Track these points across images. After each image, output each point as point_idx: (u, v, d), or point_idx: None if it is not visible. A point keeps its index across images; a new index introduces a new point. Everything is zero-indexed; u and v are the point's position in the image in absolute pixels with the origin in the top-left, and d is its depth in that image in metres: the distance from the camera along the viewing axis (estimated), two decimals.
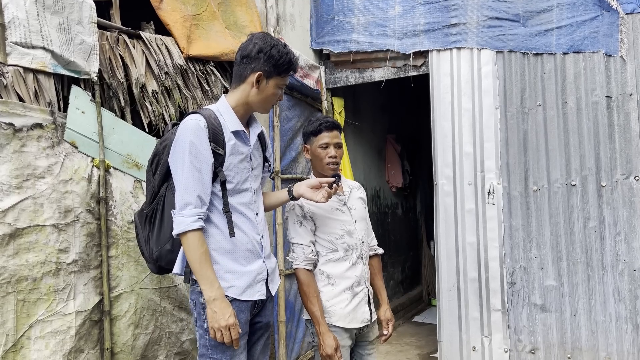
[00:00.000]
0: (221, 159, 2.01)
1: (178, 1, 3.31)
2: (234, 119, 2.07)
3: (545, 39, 3.90)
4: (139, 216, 2.23)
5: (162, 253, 2.12)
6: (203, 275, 1.93)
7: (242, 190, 2.09)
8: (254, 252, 2.11)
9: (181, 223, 1.92)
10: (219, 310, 1.91)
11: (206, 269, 1.93)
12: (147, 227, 2.18)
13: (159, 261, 2.15)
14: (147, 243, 2.18)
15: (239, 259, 2.06)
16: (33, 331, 2.25)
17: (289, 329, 3.95)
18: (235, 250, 2.05)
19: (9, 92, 2.27)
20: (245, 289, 2.06)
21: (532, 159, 3.92)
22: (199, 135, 1.95)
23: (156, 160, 2.15)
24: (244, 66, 2.08)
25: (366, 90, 5.81)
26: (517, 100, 3.98)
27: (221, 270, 2.03)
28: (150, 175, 2.17)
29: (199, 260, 1.92)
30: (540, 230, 3.88)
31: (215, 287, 1.93)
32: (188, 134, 1.95)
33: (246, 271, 2.07)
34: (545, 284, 3.85)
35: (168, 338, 2.89)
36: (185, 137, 1.95)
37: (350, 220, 2.52)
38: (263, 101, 2.11)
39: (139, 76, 2.88)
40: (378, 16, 4.38)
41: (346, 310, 2.42)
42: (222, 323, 1.91)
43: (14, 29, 2.31)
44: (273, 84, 2.08)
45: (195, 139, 1.94)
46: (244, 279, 2.06)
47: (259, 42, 2.06)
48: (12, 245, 2.19)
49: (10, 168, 2.21)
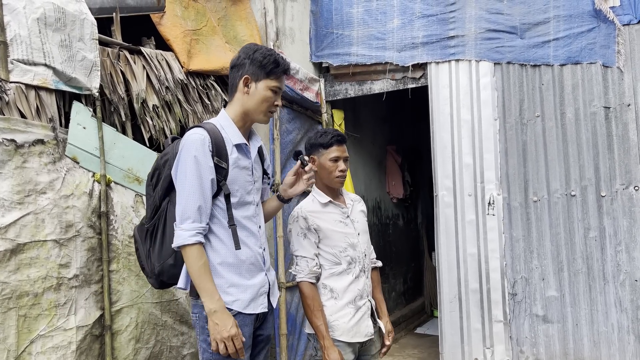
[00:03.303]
0: (224, 172, 2.01)
1: (178, 17, 3.35)
2: (235, 132, 2.08)
3: (543, 50, 3.93)
4: (140, 231, 2.22)
5: (165, 268, 2.11)
6: (202, 287, 1.93)
7: (245, 204, 2.10)
8: (257, 265, 2.11)
9: (179, 237, 1.93)
10: (221, 322, 1.91)
11: (205, 282, 1.93)
12: (148, 242, 2.17)
13: (161, 276, 2.14)
14: (148, 258, 2.17)
15: (242, 272, 2.06)
16: (34, 346, 2.26)
17: (291, 341, 3.94)
18: (240, 264, 2.05)
19: (10, 108, 2.30)
20: (249, 302, 2.06)
21: (531, 169, 3.93)
22: (203, 150, 1.96)
23: (157, 174, 2.15)
24: (233, 75, 2.12)
25: (366, 102, 5.84)
26: (515, 112, 4.00)
27: (225, 284, 2.03)
28: (151, 189, 2.17)
29: (198, 273, 1.92)
30: (541, 240, 3.88)
31: (215, 299, 1.93)
32: (192, 149, 1.96)
33: (250, 285, 2.07)
34: (547, 294, 3.84)
35: (169, 352, 2.89)
36: (189, 152, 1.96)
37: (353, 233, 2.52)
38: (257, 106, 2.09)
39: (139, 91, 2.91)
40: (377, 29, 4.42)
41: (350, 324, 2.42)
42: (224, 334, 1.90)
43: (16, 46, 2.34)
44: (263, 86, 2.07)
45: (198, 154, 1.95)
46: (248, 292, 2.06)
47: (243, 50, 2.12)
48: (13, 261, 2.20)
49: (12, 184, 2.23)
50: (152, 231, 2.15)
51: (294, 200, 2.59)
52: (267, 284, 2.16)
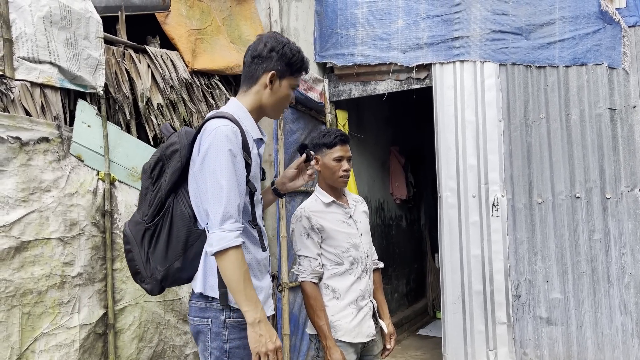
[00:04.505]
0: (249, 168, 1.86)
1: (183, 16, 3.35)
2: (253, 125, 1.95)
3: (548, 51, 3.91)
4: (135, 230, 1.94)
5: (170, 272, 1.89)
6: (247, 295, 1.75)
7: (259, 202, 1.99)
8: (266, 266, 2.01)
9: (223, 239, 1.72)
10: (265, 333, 1.75)
11: (250, 289, 1.76)
12: (147, 244, 1.92)
13: (164, 281, 1.91)
14: (147, 262, 1.92)
15: (257, 273, 1.93)
16: (38, 344, 2.26)
17: (293, 342, 3.93)
18: (257, 265, 1.94)
19: (16, 106, 2.30)
20: (264, 304, 1.92)
21: (536, 171, 3.92)
22: (237, 143, 1.80)
23: (159, 167, 1.92)
24: (255, 67, 1.94)
25: (370, 102, 5.83)
26: (520, 113, 3.99)
27: None
28: (150, 183, 1.93)
29: (242, 280, 1.75)
30: (545, 242, 3.86)
31: (259, 308, 1.77)
32: (225, 141, 1.77)
33: (263, 286, 1.96)
34: (551, 296, 3.83)
35: (172, 351, 2.89)
36: (223, 145, 1.76)
37: (356, 234, 2.52)
38: (276, 103, 1.97)
39: (144, 90, 2.91)
40: (381, 30, 4.41)
41: (352, 324, 2.41)
42: (270, 347, 1.75)
43: (21, 44, 2.34)
44: (286, 84, 1.96)
45: (233, 147, 1.78)
46: (263, 294, 1.93)
47: (271, 41, 1.94)
48: (17, 259, 2.20)
49: (17, 182, 2.23)
50: (153, 231, 1.91)
51: (298, 199, 2.58)
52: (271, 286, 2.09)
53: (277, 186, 2.27)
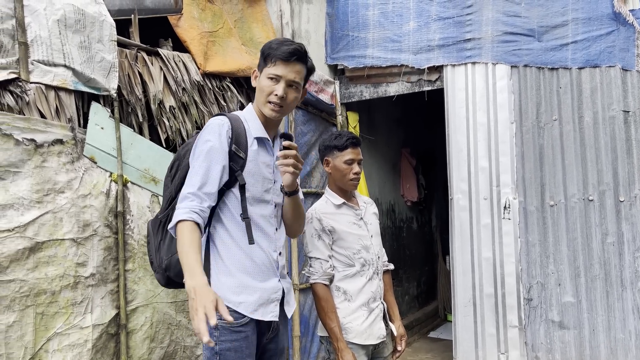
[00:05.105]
0: (242, 162, 1.94)
1: (195, 18, 3.38)
2: (257, 125, 2.02)
3: (561, 53, 3.89)
4: (153, 223, 2.13)
5: (172, 262, 2.00)
6: (186, 265, 1.67)
7: (262, 201, 2.00)
8: (270, 269, 2.00)
9: (176, 216, 1.77)
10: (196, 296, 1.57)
11: (191, 259, 1.68)
12: (159, 235, 2.08)
13: (168, 270, 2.03)
14: (157, 251, 2.08)
15: (253, 273, 1.95)
16: (51, 344, 2.28)
17: (304, 343, 3.94)
18: (251, 264, 1.95)
19: (31, 108, 2.33)
20: (258, 306, 1.95)
21: (548, 173, 3.89)
22: (219, 133, 1.90)
23: (176, 165, 2.07)
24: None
25: (381, 104, 5.82)
26: (532, 115, 3.96)
27: (234, 284, 1.92)
28: (169, 180, 2.09)
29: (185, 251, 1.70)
30: (558, 245, 3.83)
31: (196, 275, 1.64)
32: (207, 131, 1.92)
33: (260, 288, 1.96)
34: (563, 300, 3.80)
35: (183, 352, 2.90)
36: (204, 135, 1.91)
37: (366, 235, 2.52)
38: (259, 97, 2.00)
39: (156, 92, 2.93)
40: (393, 32, 4.41)
41: (363, 326, 2.41)
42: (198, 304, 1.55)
43: (36, 47, 2.37)
44: (264, 75, 1.98)
45: (212, 137, 1.89)
46: (257, 295, 1.95)
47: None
48: (31, 259, 2.23)
49: (31, 183, 2.26)
50: (164, 223, 2.05)
51: (309, 201, 2.58)
52: (281, 291, 2.03)
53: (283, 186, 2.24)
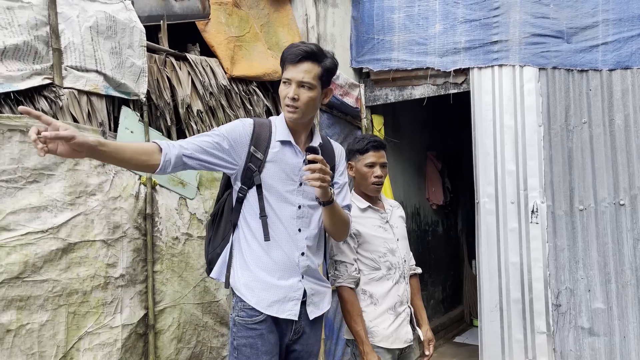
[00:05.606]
0: (259, 163, 2.03)
1: (222, 23, 3.42)
2: (283, 129, 2.09)
3: (591, 55, 3.82)
4: (209, 220, 2.29)
5: (214, 256, 2.16)
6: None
7: (285, 202, 2.05)
8: (290, 268, 2.05)
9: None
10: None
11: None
12: (211, 231, 2.23)
13: (212, 264, 2.18)
14: (208, 245, 2.23)
15: (271, 270, 2.03)
16: (82, 343, 2.34)
17: (328, 346, 3.94)
18: (269, 260, 2.03)
19: (64, 113, 2.39)
20: (273, 303, 2.01)
21: (577, 177, 3.83)
22: (232, 125, 2.06)
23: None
24: None
25: (406, 107, 5.80)
26: (561, 118, 3.90)
27: (250, 278, 2.01)
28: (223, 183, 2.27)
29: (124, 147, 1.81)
30: (587, 251, 3.76)
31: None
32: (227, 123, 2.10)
33: (277, 284, 2.02)
34: (593, 306, 3.72)
35: (209, 353, 2.94)
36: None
37: (392, 239, 2.51)
38: (281, 101, 2.07)
39: (184, 97, 2.98)
40: (418, 34, 4.39)
41: (389, 330, 2.40)
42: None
43: (69, 53, 2.43)
44: (281, 81, 2.06)
45: (226, 129, 2.03)
46: (273, 292, 2.01)
47: None
48: (64, 260, 2.29)
49: (64, 185, 2.32)
50: (212, 220, 2.23)
51: None
52: (302, 291, 2.07)
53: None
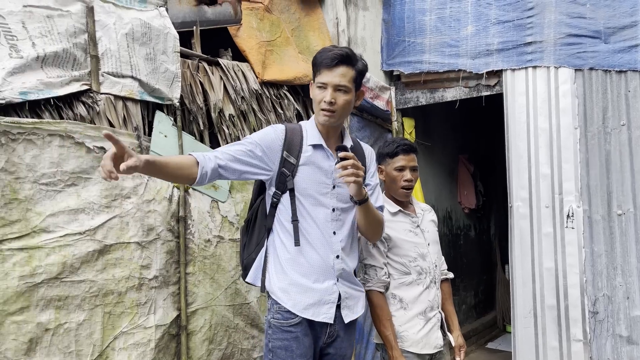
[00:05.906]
0: (292, 167, 2.04)
1: (254, 28, 3.46)
2: (314, 133, 2.11)
3: (630, 55, 3.71)
4: (245, 226, 2.33)
5: (249, 262, 2.20)
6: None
7: (320, 205, 2.07)
8: (325, 270, 2.06)
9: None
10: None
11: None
12: (245, 236, 2.27)
13: (247, 269, 2.22)
14: (243, 250, 2.27)
15: (307, 273, 2.04)
16: (117, 342, 2.39)
17: (358, 350, 3.93)
18: (305, 263, 2.05)
19: (100, 118, 2.46)
20: (309, 306, 2.03)
21: (615, 181, 3.72)
22: (264, 132, 2.09)
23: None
24: None
25: (437, 110, 5.74)
26: (598, 120, 3.80)
27: (286, 282, 2.03)
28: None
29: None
30: (626, 257, 3.65)
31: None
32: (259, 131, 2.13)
33: (312, 287, 2.04)
34: (632, 314, 3.60)
35: (240, 355, 2.96)
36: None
37: (423, 243, 2.49)
38: (314, 106, 2.10)
39: (217, 101, 3.02)
40: (450, 36, 4.35)
41: (419, 335, 2.39)
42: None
43: (106, 59, 2.50)
44: (315, 85, 2.08)
45: (258, 136, 2.06)
46: (309, 295, 2.03)
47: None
48: (100, 261, 2.35)
49: (101, 189, 2.38)
50: (246, 226, 2.27)
51: None
52: (337, 294, 2.09)
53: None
